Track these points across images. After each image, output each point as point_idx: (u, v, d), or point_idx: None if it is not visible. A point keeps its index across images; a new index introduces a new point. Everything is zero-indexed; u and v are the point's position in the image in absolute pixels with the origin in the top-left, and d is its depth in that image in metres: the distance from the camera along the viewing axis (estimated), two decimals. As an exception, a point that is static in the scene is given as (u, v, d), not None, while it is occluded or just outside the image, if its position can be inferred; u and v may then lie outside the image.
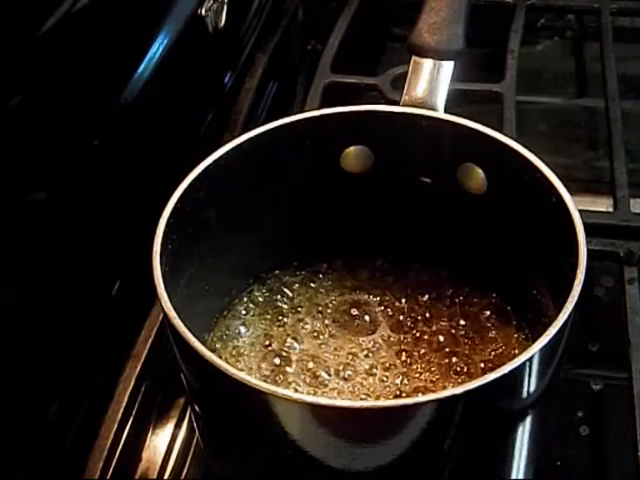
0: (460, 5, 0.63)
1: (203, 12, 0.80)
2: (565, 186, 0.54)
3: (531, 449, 0.53)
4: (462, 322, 0.61)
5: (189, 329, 0.48)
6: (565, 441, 0.63)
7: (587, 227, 0.52)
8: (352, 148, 0.61)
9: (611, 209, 0.72)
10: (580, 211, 0.53)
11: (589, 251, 0.50)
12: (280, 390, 0.46)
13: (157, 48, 0.71)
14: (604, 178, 0.79)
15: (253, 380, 0.46)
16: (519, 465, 0.53)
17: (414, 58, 0.62)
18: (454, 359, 0.59)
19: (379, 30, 1.04)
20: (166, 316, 0.49)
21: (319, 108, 0.79)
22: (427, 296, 0.63)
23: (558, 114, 0.93)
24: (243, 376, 0.46)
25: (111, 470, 0.58)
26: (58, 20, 0.58)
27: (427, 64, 0.61)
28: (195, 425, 0.58)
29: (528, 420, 0.52)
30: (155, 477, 0.60)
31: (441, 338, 0.60)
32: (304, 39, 0.98)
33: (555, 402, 0.56)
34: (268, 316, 0.62)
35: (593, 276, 0.73)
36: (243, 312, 0.62)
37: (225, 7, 0.83)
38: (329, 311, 0.62)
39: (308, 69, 0.89)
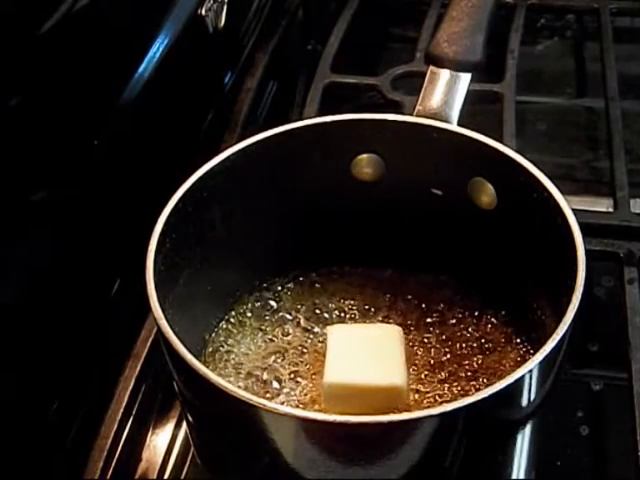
0: (482, 15, 0.62)
1: (203, 12, 0.80)
2: (565, 186, 0.54)
3: (531, 455, 0.53)
4: (468, 335, 0.60)
5: (183, 328, 0.47)
6: (565, 441, 0.63)
7: (587, 227, 0.52)
8: (363, 156, 0.60)
9: (611, 209, 0.72)
10: (580, 211, 0.53)
11: (589, 251, 0.51)
12: (267, 403, 0.45)
13: (157, 48, 0.71)
14: (604, 178, 0.79)
15: (232, 388, 0.45)
16: (519, 471, 0.53)
17: (431, 68, 0.61)
18: (460, 372, 0.58)
19: (379, 30, 1.04)
20: (153, 315, 0.48)
21: (319, 108, 0.80)
22: (434, 308, 0.62)
23: (558, 114, 0.93)
24: (226, 385, 0.45)
25: (111, 470, 0.58)
26: (58, 20, 0.58)
27: (444, 75, 0.61)
28: (190, 436, 0.58)
29: (528, 427, 0.51)
30: (155, 477, 0.60)
31: (447, 350, 0.59)
32: (304, 39, 0.98)
33: (555, 402, 0.56)
34: (268, 319, 0.62)
35: (593, 276, 0.73)
36: (245, 315, 0.62)
37: (225, 7, 0.83)
38: (333, 318, 0.62)
39: (308, 69, 0.89)
